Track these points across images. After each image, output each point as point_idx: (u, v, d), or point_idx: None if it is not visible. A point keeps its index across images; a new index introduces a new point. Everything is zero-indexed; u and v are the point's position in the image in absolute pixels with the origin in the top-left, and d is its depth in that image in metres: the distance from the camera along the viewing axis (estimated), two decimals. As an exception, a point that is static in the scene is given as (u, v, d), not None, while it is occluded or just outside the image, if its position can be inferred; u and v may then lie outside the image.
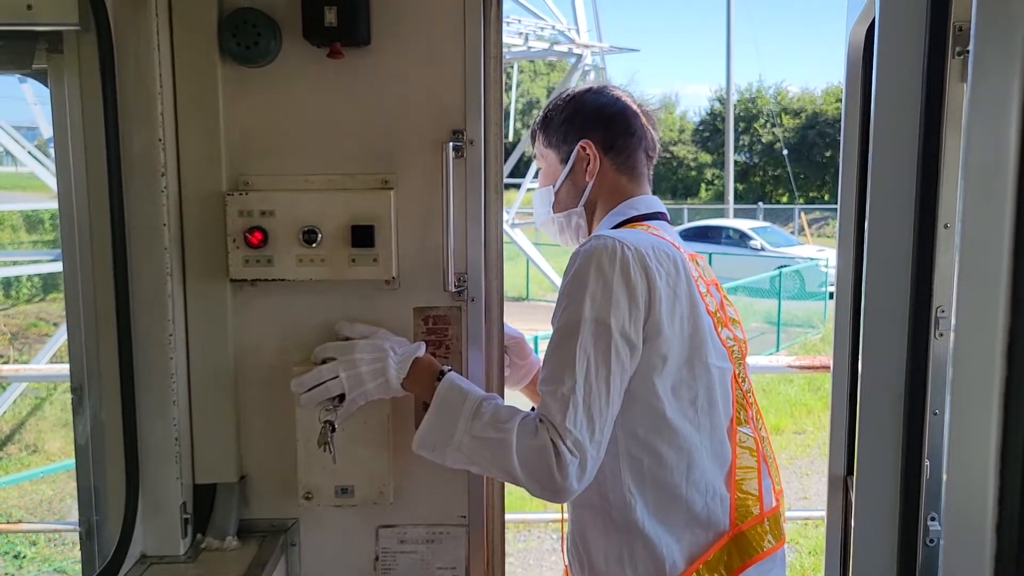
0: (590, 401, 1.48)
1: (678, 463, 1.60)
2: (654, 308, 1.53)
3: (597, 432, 1.49)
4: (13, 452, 9.65)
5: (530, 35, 14.54)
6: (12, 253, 14.99)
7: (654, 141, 1.83)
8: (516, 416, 1.54)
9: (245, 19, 1.68)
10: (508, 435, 1.50)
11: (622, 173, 1.79)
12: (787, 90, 37.73)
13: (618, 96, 1.82)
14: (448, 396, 1.58)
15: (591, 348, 1.49)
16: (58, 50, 1.67)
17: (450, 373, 1.63)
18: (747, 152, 36.74)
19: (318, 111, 1.75)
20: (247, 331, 1.80)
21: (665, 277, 1.55)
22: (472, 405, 1.56)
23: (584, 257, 1.54)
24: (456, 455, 1.55)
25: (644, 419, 1.58)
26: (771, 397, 10.39)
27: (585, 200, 1.80)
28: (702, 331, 1.60)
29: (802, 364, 3.06)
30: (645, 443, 1.59)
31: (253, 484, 1.85)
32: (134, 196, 1.65)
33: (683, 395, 1.60)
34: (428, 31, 1.72)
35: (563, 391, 1.48)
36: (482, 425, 1.53)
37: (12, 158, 12.49)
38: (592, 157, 1.76)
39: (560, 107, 1.83)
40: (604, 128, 1.78)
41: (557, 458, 1.46)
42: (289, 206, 1.71)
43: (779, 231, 23.09)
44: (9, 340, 13.17)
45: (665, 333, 1.54)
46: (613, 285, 1.50)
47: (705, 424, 1.63)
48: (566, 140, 1.80)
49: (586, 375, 1.48)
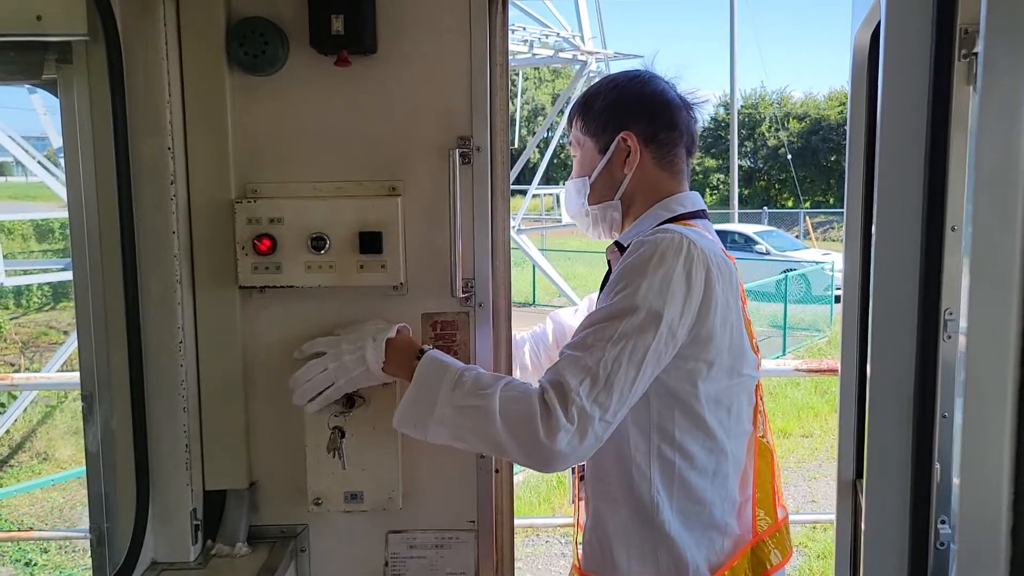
0: (614, 378, 1.42)
1: (707, 467, 1.59)
2: (708, 312, 1.49)
3: (611, 412, 1.42)
4: (24, 460, 9.69)
5: (535, 42, 14.55)
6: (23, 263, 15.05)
7: (695, 137, 1.76)
8: (499, 380, 1.49)
9: (252, 28, 1.69)
10: (491, 400, 1.45)
11: (662, 168, 1.72)
12: (791, 95, 37.74)
13: (663, 87, 1.75)
14: (428, 370, 1.54)
15: (635, 332, 1.43)
16: (67, 60, 1.68)
17: (431, 350, 1.59)
18: (751, 157, 36.72)
19: (325, 119, 1.76)
20: (256, 338, 1.81)
21: (723, 285, 1.52)
22: (452, 376, 1.51)
23: (650, 246, 1.49)
24: (438, 429, 1.50)
25: (683, 421, 1.56)
26: (778, 400, 10.36)
27: (622, 193, 1.73)
28: (745, 340, 1.59)
29: (809, 367, 3.05)
30: (680, 445, 1.57)
31: (263, 490, 1.86)
32: (143, 204, 1.66)
33: (723, 402, 1.58)
34: (434, 39, 1.73)
35: (588, 361, 1.42)
36: (463, 394, 1.48)
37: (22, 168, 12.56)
38: (633, 149, 1.70)
39: (602, 93, 1.76)
40: (647, 120, 1.71)
41: (546, 420, 1.39)
42: (297, 213, 1.72)
43: (784, 235, 23.05)
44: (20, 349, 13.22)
45: (716, 340, 1.52)
46: (673, 278, 1.46)
47: (735, 431, 1.62)
48: (606, 129, 1.73)
49: (618, 353, 1.42)
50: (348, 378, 1.63)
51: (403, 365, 1.60)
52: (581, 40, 15.39)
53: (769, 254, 19.76)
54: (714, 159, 36.30)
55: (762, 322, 14.44)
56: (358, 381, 1.64)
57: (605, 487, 1.65)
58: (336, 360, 1.63)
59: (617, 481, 1.58)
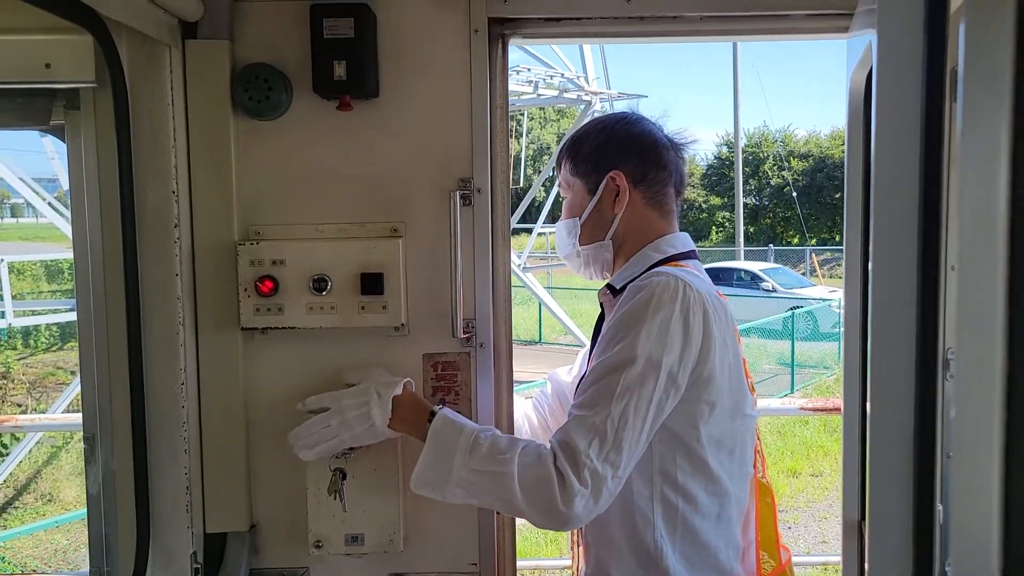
0: (622, 436, 1.44)
1: (710, 511, 1.58)
2: (708, 354, 1.50)
3: (622, 468, 1.45)
4: (29, 501, 9.65)
5: (540, 83, 14.73)
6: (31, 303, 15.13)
7: (684, 177, 1.78)
8: (516, 445, 1.50)
9: (257, 74, 1.72)
10: (508, 465, 1.46)
11: (652, 207, 1.73)
12: (794, 133, 38.00)
13: (651, 128, 1.76)
14: (443, 432, 1.54)
15: (637, 384, 1.45)
16: (75, 106, 1.72)
17: (443, 409, 1.60)
18: (756, 195, 36.86)
19: (328, 162, 1.78)
20: (258, 379, 1.82)
21: (719, 324, 1.52)
22: (468, 438, 1.52)
23: (646, 292, 1.49)
24: (456, 491, 1.51)
25: (685, 464, 1.55)
26: (787, 439, 10.27)
27: (612, 233, 1.73)
28: (743, 380, 1.59)
29: (815, 406, 3.03)
30: (682, 488, 1.56)
31: (263, 533, 1.85)
32: (148, 247, 1.68)
33: (725, 444, 1.57)
34: (435, 83, 1.76)
35: (595, 420, 1.44)
36: (480, 458, 1.49)
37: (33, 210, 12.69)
38: (622, 189, 1.70)
39: (591, 135, 1.76)
40: (635, 159, 1.71)
41: (562, 486, 1.42)
42: (299, 255, 1.73)
43: (790, 272, 23.04)
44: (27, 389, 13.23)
45: (716, 381, 1.52)
46: (671, 325, 1.47)
47: (736, 473, 1.61)
48: (595, 169, 1.73)
49: (623, 408, 1.44)
50: (352, 434, 1.62)
51: (413, 424, 1.60)
52: (585, 81, 15.57)
53: (775, 291, 19.73)
54: (719, 197, 36.45)
55: (769, 360, 14.37)
56: (362, 437, 1.63)
57: (607, 533, 1.62)
58: (339, 416, 1.62)
59: (619, 527, 1.56)
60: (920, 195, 1.12)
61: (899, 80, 1.13)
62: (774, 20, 1.82)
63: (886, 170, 1.19)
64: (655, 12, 1.78)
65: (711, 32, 1.83)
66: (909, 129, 1.12)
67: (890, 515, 1.19)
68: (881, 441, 1.22)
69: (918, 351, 1.17)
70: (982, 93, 0.66)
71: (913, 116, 1.11)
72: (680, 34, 1.84)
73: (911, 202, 1.14)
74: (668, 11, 1.78)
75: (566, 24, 1.81)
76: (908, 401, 1.18)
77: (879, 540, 1.24)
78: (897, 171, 1.16)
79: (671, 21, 1.81)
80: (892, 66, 1.14)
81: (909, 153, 1.13)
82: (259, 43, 1.75)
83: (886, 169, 1.19)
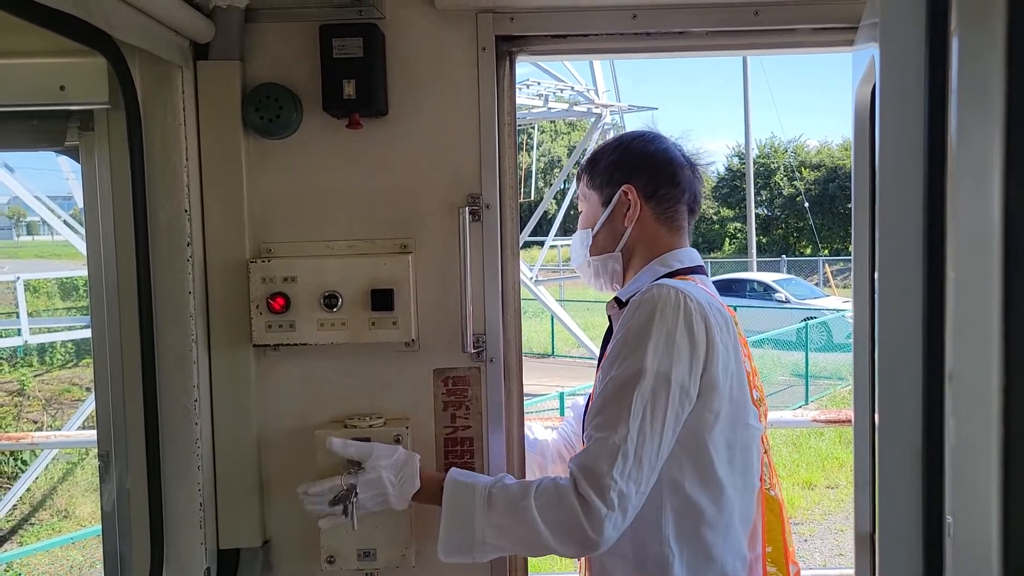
0: (642, 452, 1.46)
1: (717, 523, 1.58)
2: (712, 362, 1.52)
3: (644, 483, 1.47)
4: (45, 518, 9.69)
5: (550, 96, 14.78)
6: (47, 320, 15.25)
7: (698, 196, 1.80)
8: (529, 488, 1.51)
9: (267, 94, 1.74)
10: (528, 511, 1.48)
11: (661, 223, 1.75)
12: (805, 144, 37.91)
13: (667, 146, 1.79)
14: (456, 495, 1.56)
15: (649, 399, 1.47)
16: (89, 128, 1.75)
17: (450, 473, 1.60)
18: (768, 206, 36.77)
19: (338, 179, 1.80)
20: (270, 395, 1.83)
21: (720, 333, 1.54)
22: (483, 495, 1.54)
23: (647, 305, 1.52)
24: (484, 549, 1.52)
25: (692, 474, 1.56)
26: (802, 451, 10.20)
27: (623, 246, 1.76)
28: (745, 390, 1.60)
29: (827, 418, 3.01)
30: (690, 498, 1.56)
31: (276, 548, 1.86)
32: (161, 265, 1.70)
33: (729, 454, 1.58)
34: (444, 100, 1.78)
35: (615, 440, 1.46)
36: (500, 512, 1.51)
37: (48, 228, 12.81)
38: (633, 203, 1.73)
39: (608, 150, 1.80)
40: (648, 175, 1.74)
41: (587, 514, 1.43)
42: (311, 272, 1.75)
43: (803, 283, 22.93)
44: (43, 406, 13.31)
45: (720, 389, 1.53)
46: (676, 336, 1.49)
47: (740, 484, 1.61)
48: (609, 183, 1.76)
49: (640, 424, 1.46)
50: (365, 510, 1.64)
51: (427, 495, 1.63)
52: (595, 93, 15.60)
53: (789, 302, 19.64)
54: (730, 208, 36.37)
55: (784, 371, 14.30)
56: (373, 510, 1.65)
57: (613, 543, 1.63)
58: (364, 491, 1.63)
59: (626, 536, 1.56)
60: (924, 208, 1.12)
61: (902, 93, 1.14)
62: (780, 34, 1.83)
63: (891, 182, 1.19)
64: (661, 28, 1.80)
65: (717, 47, 1.84)
66: (912, 142, 1.13)
67: (900, 527, 1.18)
68: (890, 453, 1.22)
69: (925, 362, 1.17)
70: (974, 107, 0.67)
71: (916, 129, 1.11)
72: (686, 49, 1.85)
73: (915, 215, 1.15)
74: (674, 27, 1.80)
75: (573, 41, 1.82)
76: (916, 412, 1.18)
77: (890, 552, 1.23)
78: (901, 184, 1.16)
79: (677, 37, 1.82)
80: (894, 79, 1.15)
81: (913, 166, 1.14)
82: (269, 63, 1.78)
83: (891, 181, 1.19)
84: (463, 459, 1.84)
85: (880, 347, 1.22)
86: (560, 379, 13.63)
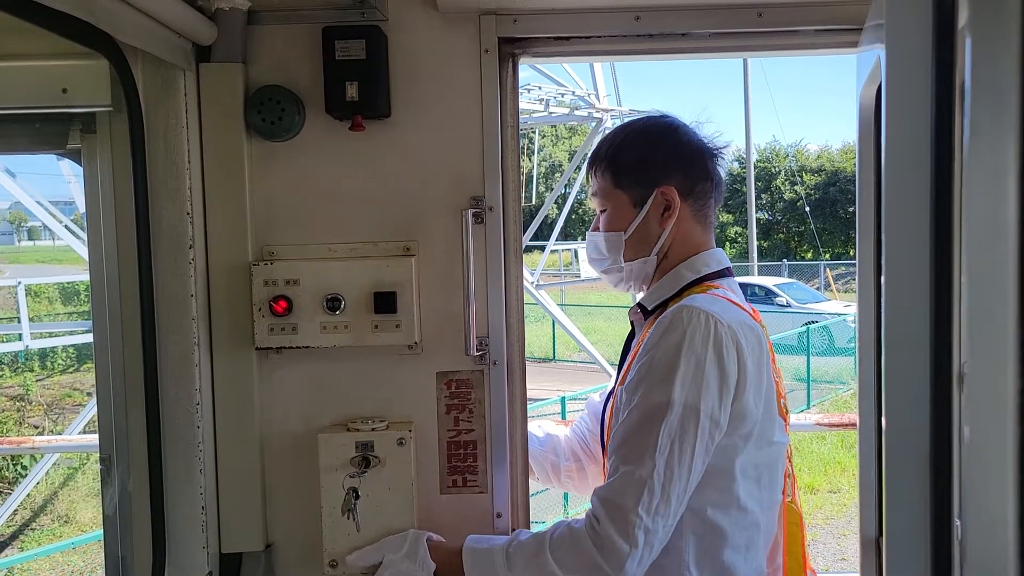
0: (670, 487, 1.41)
1: (739, 542, 1.53)
2: (743, 390, 1.46)
3: (671, 517, 1.44)
4: (46, 523, 9.68)
5: (550, 101, 14.77)
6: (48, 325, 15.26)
7: (722, 185, 1.72)
8: (544, 539, 1.50)
9: (270, 96, 1.74)
10: (547, 566, 1.47)
11: (697, 221, 1.67)
12: (806, 148, 37.95)
13: (692, 136, 1.70)
14: (476, 561, 1.56)
15: (677, 431, 1.42)
16: (91, 130, 1.74)
17: (466, 543, 1.60)
18: (768, 210, 36.78)
19: (341, 182, 1.79)
20: (272, 399, 1.82)
21: (752, 355, 1.48)
22: (501, 558, 1.53)
23: (675, 332, 1.45)
24: None
25: (715, 497, 1.51)
26: (804, 456, 10.19)
27: (658, 248, 1.66)
28: (774, 406, 1.55)
29: (831, 422, 3.00)
30: (712, 522, 1.51)
31: (279, 553, 1.85)
32: (163, 268, 1.70)
33: (750, 474, 1.53)
34: (446, 102, 1.78)
35: (641, 474, 1.41)
36: (520, 570, 1.50)
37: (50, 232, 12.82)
38: (673, 204, 1.63)
39: (631, 144, 1.69)
40: (684, 172, 1.65)
41: (605, 556, 1.41)
42: (313, 274, 1.74)
43: (804, 287, 22.93)
44: (44, 411, 13.31)
45: (751, 415, 1.48)
46: (706, 366, 1.43)
47: (766, 502, 1.57)
48: (641, 183, 1.65)
49: (667, 459, 1.41)
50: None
51: (450, 570, 1.61)
52: (596, 98, 15.60)
53: (790, 306, 19.64)
54: (730, 213, 36.39)
55: (786, 375, 14.20)
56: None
57: None
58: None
59: None
60: (931, 209, 1.11)
61: (908, 94, 1.13)
62: (784, 36, 1.82)
63: (897, 184, 1.19)
64: (664, 29, 1.79)
65: (720, 49, 1.84)
66: (919, 143, 1.12)
67: (907, 531, 1.17)
68: (897, 456, 1.21)
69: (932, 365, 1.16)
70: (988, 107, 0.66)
71: (922, 130, 1.11)
72: (689, 51, 1.85)
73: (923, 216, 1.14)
74: (677, 28, 1.79)
75: (576, 43, 1.82)
76: (924, 415, 1.17)
77: (897, 556, 1.23)
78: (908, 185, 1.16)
79: (680, 38, 1.82)
80: (901, 80, 1.15)
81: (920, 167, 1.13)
82: (272, 65, 1.77)
83: (897, 183, 1.19)
84: (466, 462, 1.83)
85: (887, 350, 1.21)
86: (561, 383, 13.63)
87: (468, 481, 1.83)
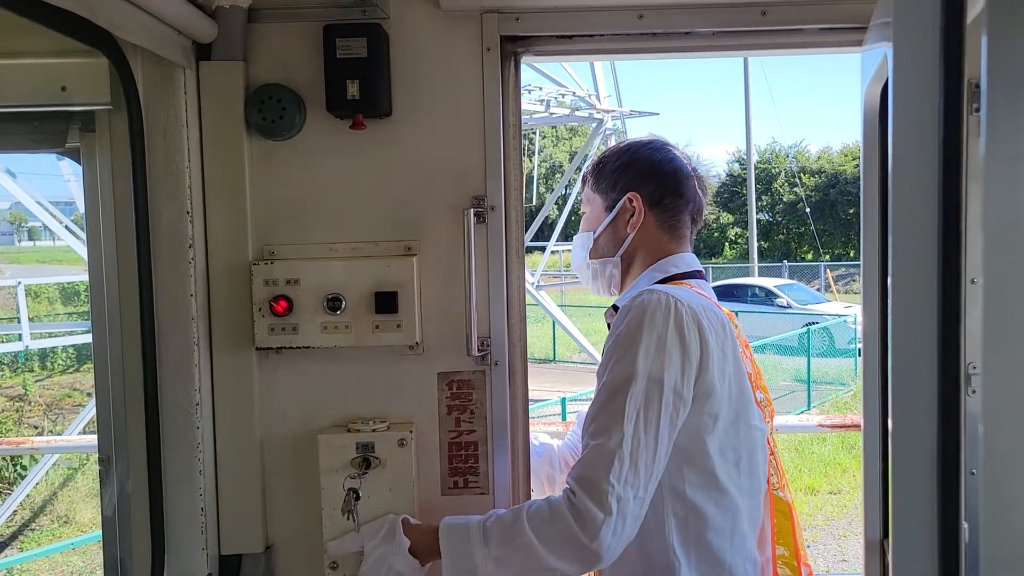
0: (638, 455, 1.44)
1: (723, 525, 1.56)
2: (706, 366, 1.51)
3: (642, 488, 1.45)
4: (45, 524, 9.67)
5: (551, 101, 14.78)
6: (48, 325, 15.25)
7: (702, 206, 1.81)
8: (521, 512, 1.50)
9: (270, 94, 1.73)
10: (522, 535, 1.47)
11: (664, 231, 1.76)
12: (806, 150, 37.96)
13: (674, 156, 1.80)
14: (452, 539, 1.55)
15: (642, 403, 1.46)
16: (90, 129, 1.73)
17: (443, 521, 1.60)
18: (769, 211, 36.78)
19: (342, 181, 1.78)
20: (272, 399, 1.81)
21: (715, 336, 1.53)
22: (477, 533, 1.53)
23: (636, 311, 1.51)
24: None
25: (693, 478, 1.54)
26: (804, 457, 10.18)
27: (623, 251, 1.77)
28: (746, 392, 1.58)
29: (833, 423, 3.00)
30: (692, 503, 1.55)
31: (279, 554, 1.84)
32: (162, 267, 1.69)
33: (729, 456, 1.56)
34: (448, 101, 1.77)
35: (610, 445, 1.44)
36: (496, 543, 1.50)
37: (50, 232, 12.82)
38: (637, 210, 1.74)
39: (615, 155, 1.81)
40: (654, 184, 1.75)
41: (581, 524, 1.42)
42: (314, 274, 1.73)
43: (805, 288, 22.92)
44: (43, 411, 13.30)
45: (717, 392, 1.52)
46: (667, 340, 1.48)
47: (746, 486, 1.59)
48: (614, 188, 1.77)
49: (634, 430, 1.45)
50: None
51: (428, 549, 1.61)
52: (597, 99, 15.60)
53: (790, 307, 19.63)
54: (731, 214, 36.39)
55: (785, 376, 14.27)
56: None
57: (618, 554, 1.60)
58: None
59: (633, 545, 1.54)
60: (939, 208, 1.10)
61: (915, 92, 1.12)
62: (787, 35, 1.81)
63: (904, 184, 1.17)
64: (667, 28, 1.78)
65: (724, 47, 1.83)
66: (926, 141, 1.11)
67: (915, 533, 1.16)
68: (904, 458, 1.20)
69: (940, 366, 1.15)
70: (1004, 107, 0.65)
71: (930, 128, 1.10)
72: (692, 50, 1.84)
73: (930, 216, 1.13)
74: (680, 27, 1.78)
75: (578, 41, 1.81)
76: (931, 417, 1.16)
77: (904, 559, 1.21)
78: (915, 184, 1.15)
79: (683, 37, 1.81)
80: (908, 78, 1.13)
81: (927, 166, 1.12)
82: (272, 63, 1.76)
83: (904, 182, 1.17)
84: (467, 463, 1.82)
85: (895, 351, 1.20)
86: (562, 384, 13.62)
87: (469, 482, 1.82)
